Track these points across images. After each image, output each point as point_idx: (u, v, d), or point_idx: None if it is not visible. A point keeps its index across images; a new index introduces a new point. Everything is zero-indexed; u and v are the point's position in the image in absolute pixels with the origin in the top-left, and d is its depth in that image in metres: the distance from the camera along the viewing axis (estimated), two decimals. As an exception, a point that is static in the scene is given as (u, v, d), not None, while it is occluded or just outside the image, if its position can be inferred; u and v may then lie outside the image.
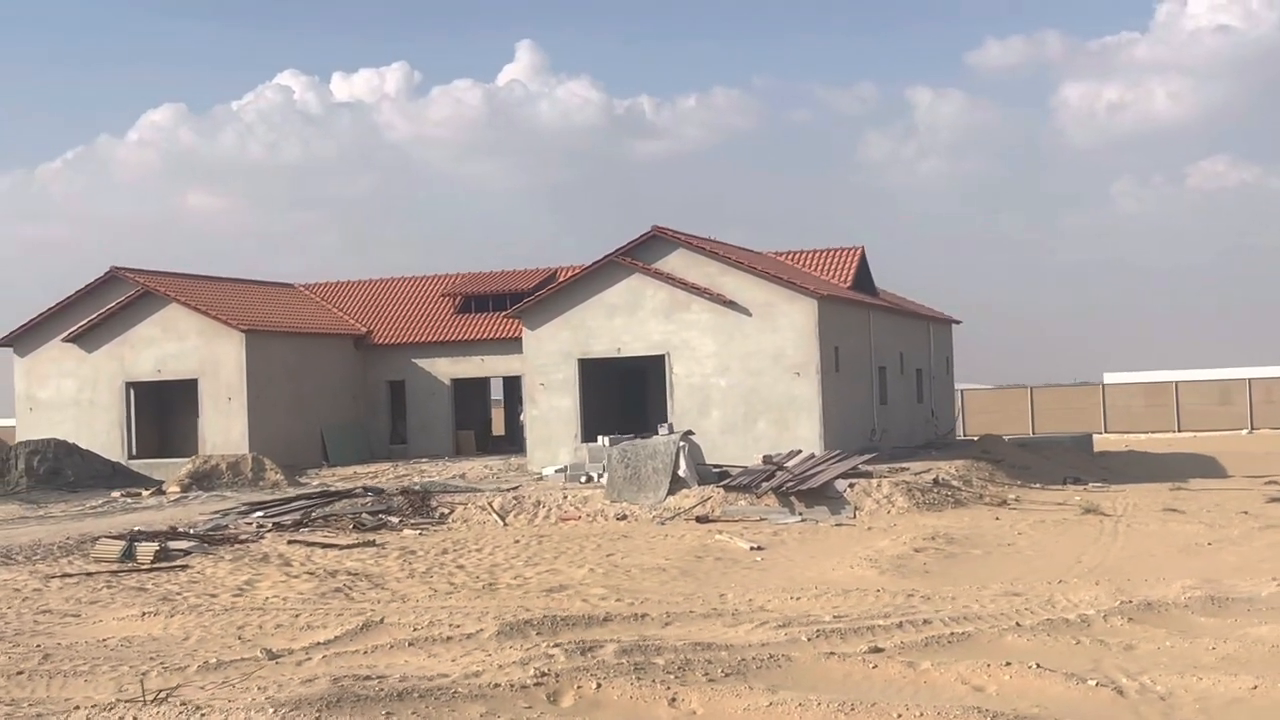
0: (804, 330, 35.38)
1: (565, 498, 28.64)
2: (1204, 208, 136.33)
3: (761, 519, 26.48)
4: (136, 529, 25.39)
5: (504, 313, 40.53)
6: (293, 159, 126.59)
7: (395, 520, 27.24)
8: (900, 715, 9.81)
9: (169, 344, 41.10)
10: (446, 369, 44.96)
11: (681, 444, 28.68)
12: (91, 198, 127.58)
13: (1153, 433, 66.20)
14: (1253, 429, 64.53)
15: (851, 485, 27.86)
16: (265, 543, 24.32)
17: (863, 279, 42.63)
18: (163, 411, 44.26)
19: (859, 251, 42.74)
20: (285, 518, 26.98)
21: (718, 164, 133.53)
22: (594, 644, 12.41)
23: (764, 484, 27.92)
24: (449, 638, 13.48)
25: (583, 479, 31.58)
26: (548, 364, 37.66)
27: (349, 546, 23.67)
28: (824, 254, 43.09)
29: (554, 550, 22.97)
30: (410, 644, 13.23)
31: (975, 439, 48.50)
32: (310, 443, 42.85)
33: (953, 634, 12.89)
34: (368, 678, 11.11)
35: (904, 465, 33.48)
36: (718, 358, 36.14)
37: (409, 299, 47.54)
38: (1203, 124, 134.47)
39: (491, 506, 27.96)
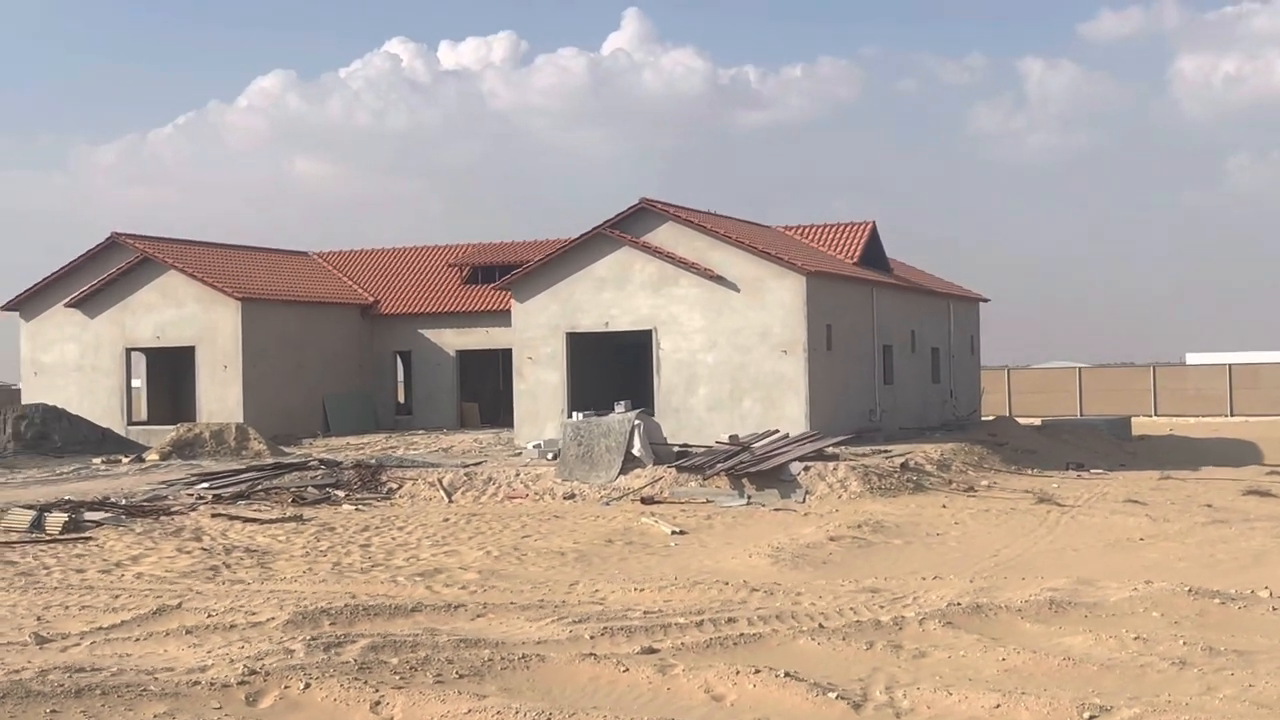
0: (792, 307, 34.49)
1: (518, 475, 28.08)
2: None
3: (708, 501, 25.77)
4: (66, 498, 25.22)
5: (497, 284, 39.97)
6: (399, 126, 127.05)
7: (341, 494, 26.88)
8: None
9: (168, 310, 41.10)
10: (452, 340, 44.60)
11: (636, 422, 28.00)
12: (201, 163, 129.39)
13: (1203, 416, 64.39)
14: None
15: (806, 469, 27.04)
16: (192, 515, 24.02)
17: (873, 254, 41.56)
18: (175, 378, 44.35)
19: (869, 226, 41.65)
20: (228, 489, 26.68)
21: (821, 135, 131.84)
22: (346, 639, 11.83)
23: (717, 465, 27.17)
24: (231, 626, 12.98)
25: (551, 456, 30.98)
26: (535, 337, 37.09)
27: (270, 521, 23.32)
28: (834, 228, 42.06)
29: (472, 530, 22.47)
30: (187, 632, 12.75)
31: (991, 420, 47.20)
32: (311, 412, 42.69)
33: (743, 635, 12.16)
34: (81, 669, 10.61)
35: (887, 448, 32.57)
36: (705, 334, 35.36)
37: (418, 268, 47.22)
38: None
39: (441, 483, 27.47)
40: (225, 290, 40.16)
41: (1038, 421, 55.57)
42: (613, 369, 38.72)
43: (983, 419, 48.53)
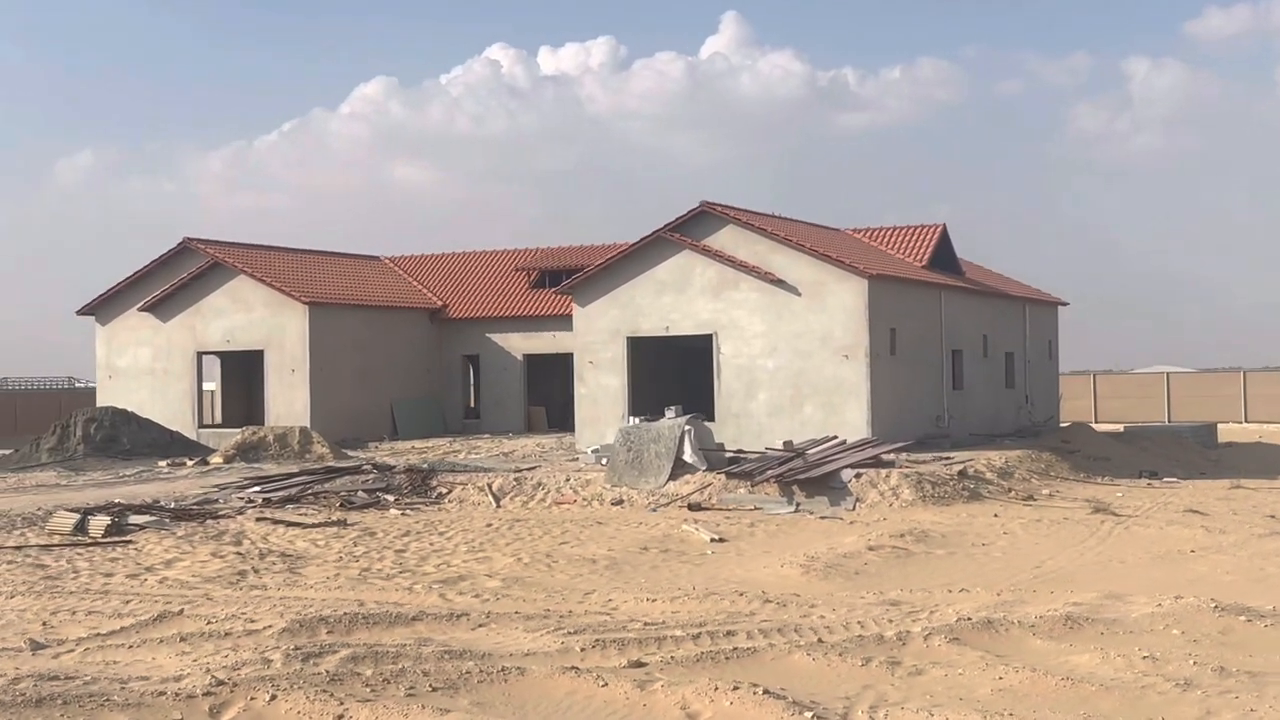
0: (853, 311, 33.98)
1: (567, 480, 27.90)
2: None
3: (756, 508, 25.41)
4: (116, 501, 25.43)
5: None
6: (497, 132, 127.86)
7: (390, 499, 26.85)
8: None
9: (237, 315, 41.48)
10: (519, 344, 44.57)
11: (687, 428, 27.69)
12: (305, 168, 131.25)
13: (1295, 424, 62.78)
14: None
15: (858, 476, 26.56)
16: (238, 519, 24.09)
17: (943, 257, 40.89)
18: (249, 381, 44.77)
19: (939, 228, 40.97)
20: (278, 493, 26.76)
21: (921, 137, 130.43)
22: (329, 649, 11.66)
23: (767, 472, 26.79)
24: (226, 634, 12.90)
25: (604, 461, 30.74)
26: (596, 341, 36.90)
27: (313, 526, 23.32)
28: (904, 231, 41.44)
29: (512, 536, 22.30)
30: (181, 639, 12.70)
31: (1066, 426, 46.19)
32: (379, 416, 42.86)
33: (737, 649, 11.85)
34: (56, 678, 10.55)
35: (949, 455, 31.94)
36: (766, 338, 34.96)
37: (487, 273, 47.25)
38: None
39: (490, 488, 27.36)
40: (293, 294, 40.44)
41: (1120, 428, 54.56)
42: (674, 374, 38.43)
43: (1061, 425, 47.62)
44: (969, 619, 13.03)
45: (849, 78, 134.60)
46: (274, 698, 9.99)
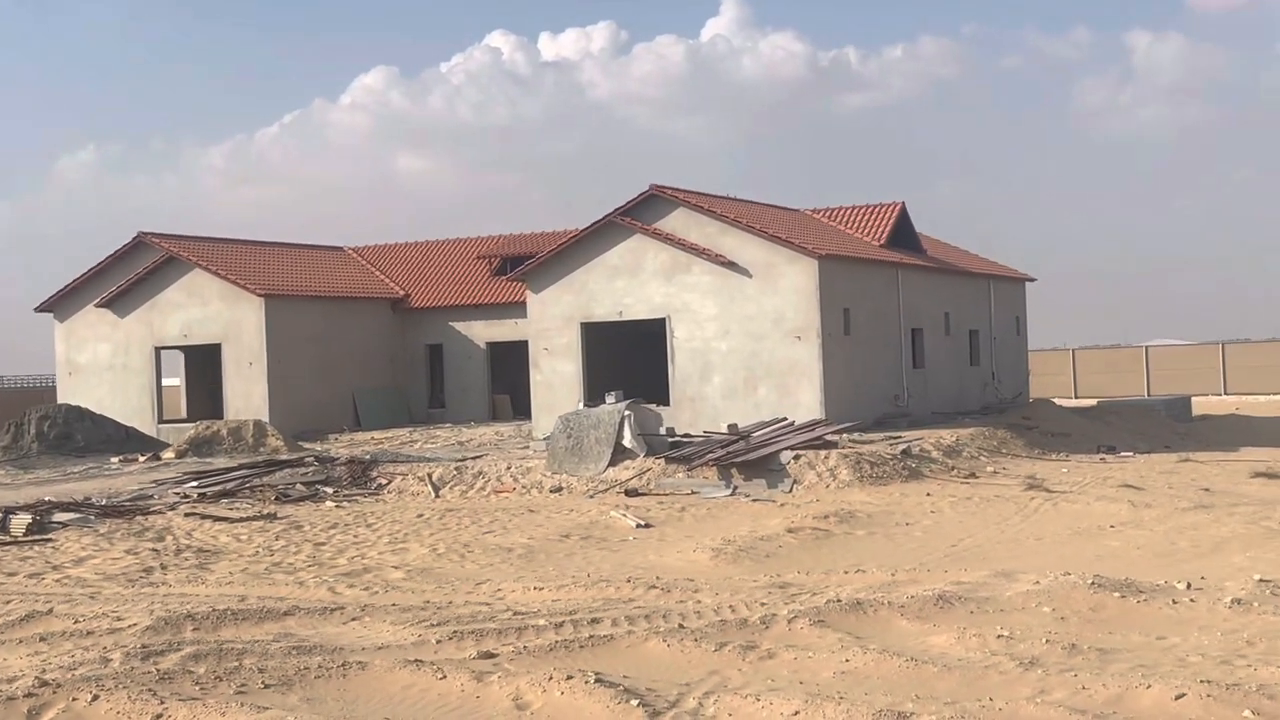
0: (805, 292, 33.79)
1: (508, 469, 27.75)
2: None
3: (693, 493, 25.26)
4: (47, 498, 25.29)
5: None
6: (500, 120, 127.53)
7: (329, 491, 26.72)
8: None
9: (194, 309, 41.33)
10: (482, 332, 44.40)
11: (626, 413, 27.52)
12: (307, 160, 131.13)
13: (1274, 394, 62.65)
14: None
15: (796, 458, 26.39)
16: (168, 515, 23.96)
17: (902, 236, 40.66)
18: (212, 375, 44.52)
19: (898, 207, 40.74)
20: (214, 488, 26.62)
21: (925, 115, 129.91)
22: (173, 647, 11.53)
23: (706, 456, 26.64)
24: (88, 632, 12.75)
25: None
26: (550, 328, 36.74)
27: (240, 520, 23.18)
28: (862, 210, 41.22)
29: (438, 526, 22.19)
30: (41, 639, 12.56)
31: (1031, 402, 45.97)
32: (341, 408, 42.71)
33: (593, 637, 11.70)
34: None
35: (900, 434, 31.79)
36: (718, 321, 34.78)
37: (449, 262, 47.07)
38: None
39: (430, 478, 27.21)
40: (248, 287, 40.27)
41: (1093, 402, 54.35)
42: (629, 358, 38.22)
43: (1031, 401, 47.44)
44: (839, 600, 12.87)
45: (851, 57, 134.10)
46: (96, 698, 9.84)
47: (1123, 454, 33.78)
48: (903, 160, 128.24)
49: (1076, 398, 63.69)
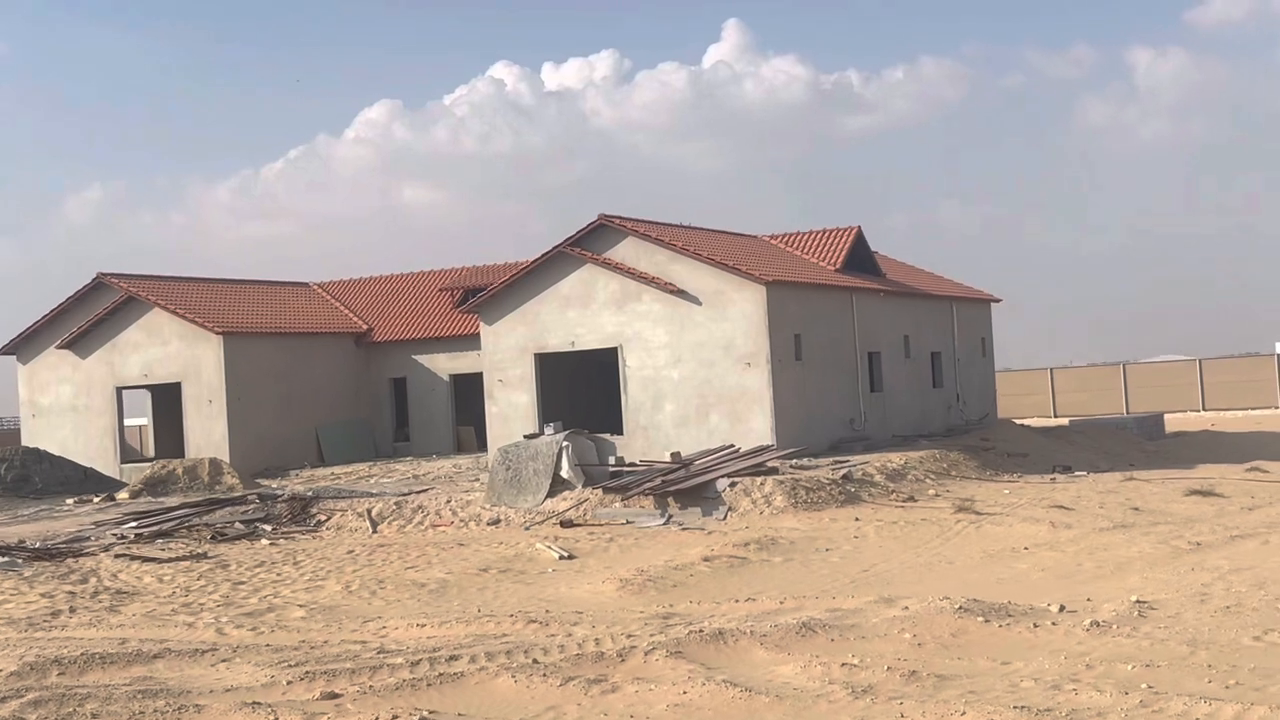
0: (753, 318, 33.82)
1: (448, 502, 27.73)
2: None
3: (628, 522, 25.24)
4: (-20, 543, 25.25)
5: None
6: (503, 150, 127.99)
7: (268, 529, 26.69)
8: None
9: (153, 348, 41.34)
10: (445, 365, 44.40)
11: (565, 444, 27.50)
12: (313, 195, 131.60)
13: (1251, 409, 62.63)
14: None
15: (733, 485, 26.36)
16: (100, 556, 23.92)
17: (859, 260, 40.75)
18: (177, 414, 44.54)
19: (854, 231, 40.82)
20: (152, 528, 26.60)
21: (928, 137, 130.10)
22: (17, 694, 11.50)
23: (643, 485, 26.62)
24: (-50, 679, 12.71)
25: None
26: (505, 359, 36.82)
27: (168, 560, 23.14)
28: (819, 235, 41.32)
29: (364, 563, 22.16)
30: (-99, 687, 12.51)
31: (999, 423, 45.91)
32: (304, 443, 42.68)
33: (441, 675, 11.68)
34: None
35: (846, 458, 31.78)
36: (670, 349, 34.82)
37: (412, 295, 47.12)
38: None
39: (369, 514, 27.20)
40: (206, 325, 40.31)
41: (1065, 422, 54.30)
42: (583, 388, 38.27)
43: (994, 423, 47.39)
44: (701, 631, 12.84)
45: (853, 80, 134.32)
46: (-83, 747, 9.83)
47: (1077, 474, 33.74)
48: (906, 181, 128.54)
49: (1055, 417, 63.72)
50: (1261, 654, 11.08)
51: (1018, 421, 50.62)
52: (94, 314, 41.91)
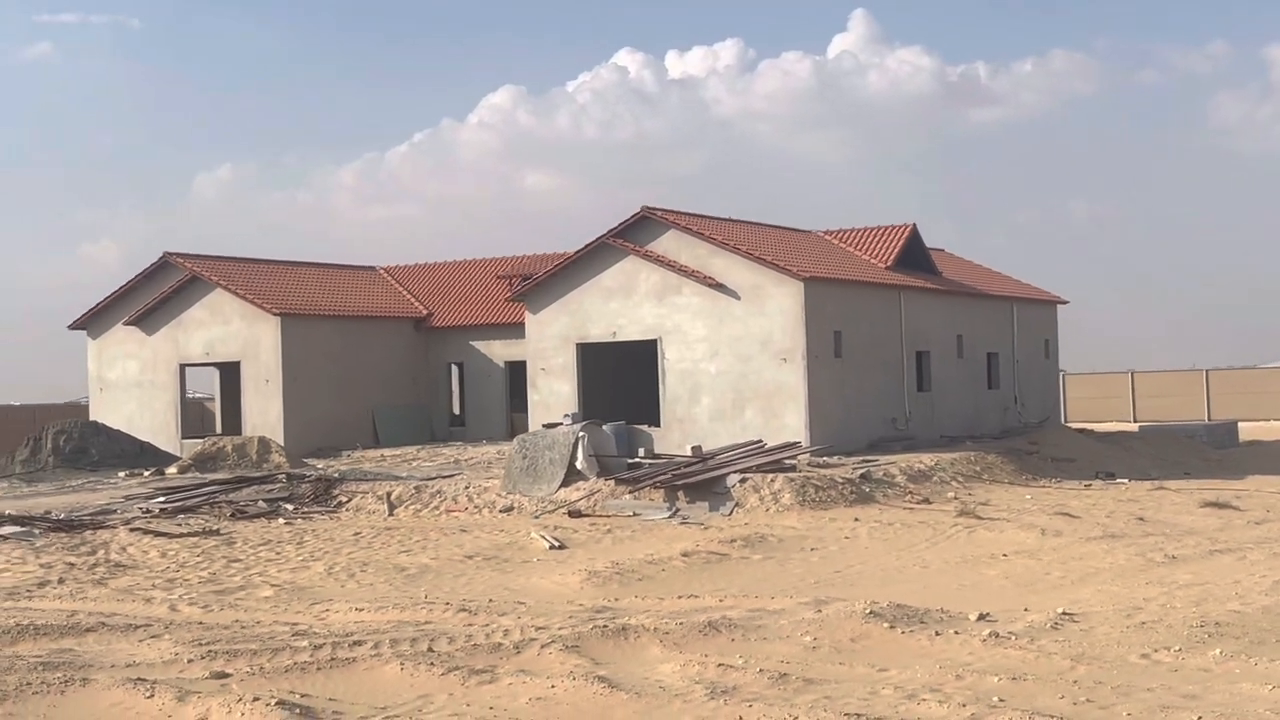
0: (791, 314, 33.80)
1: (466, 488, 28.11)
2: None
3: (634, 514, 25.41)
4: (7, 512, 26.08)
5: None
6: (625, 137, 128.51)
7: (290, 508, 27.26)
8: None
9: (216, 327, 42.30)
10: (501, 351, 44.87)
11: (581, 435, 27.74)
12: (436, 179, 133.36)
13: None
14: None
15: (743, 481, 26.42)
16: (116, 530, 24.59)
17: (913, 257, 40.48)
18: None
19: (908, 229, 40.53)
20: (177, 503, 27.29)
21: (1056, 130, 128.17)
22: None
23: (656, 477, 26.77)
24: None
25: (525, 467, 30.87)
26: (548, 348, 37.14)
27: (181, 536, 23.75)
28: (873, 231, 41.11)
29: (364, 545, 22.60)
30: None
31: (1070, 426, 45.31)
32: (360, 425, 43.41)
33: (334, 660, 11.94)
34: None
35: (874, 458, 31.65)
36: (708, 343, 34.92)
37: (472, 282, 47.64)
38: None
39: (388, 497, 27.66)
40: (265, 306, 41.14)
41: (1135, 428, 53.39)
42: (623, 379, 38.44)
43: (1063, 426, 46.86)
44: (605, 627, 12.99)
45: (980, 72, 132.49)
46: None
47: (1118, 481, 33.23)
48: (1034, 175, 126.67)
49: (1135, 421, 62.65)
50: (1139, 672, 10.99)
51: (1084, 426, 49.89)
52: (160, 292, 42.94)
